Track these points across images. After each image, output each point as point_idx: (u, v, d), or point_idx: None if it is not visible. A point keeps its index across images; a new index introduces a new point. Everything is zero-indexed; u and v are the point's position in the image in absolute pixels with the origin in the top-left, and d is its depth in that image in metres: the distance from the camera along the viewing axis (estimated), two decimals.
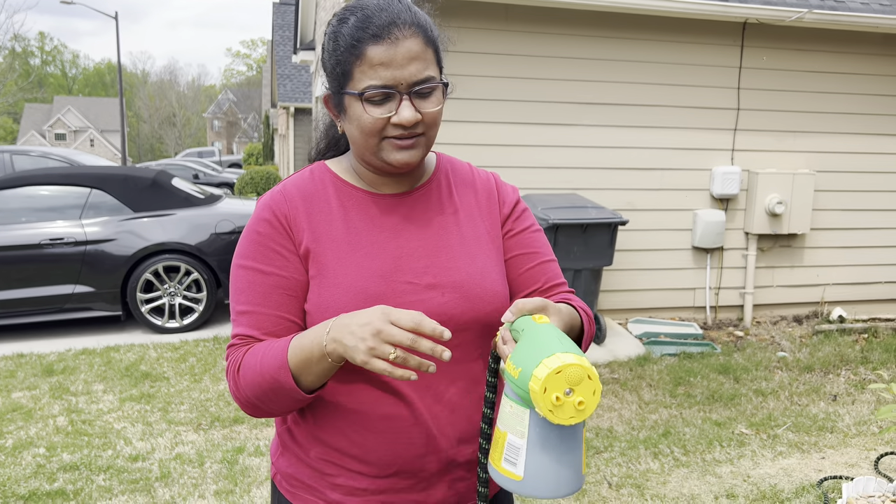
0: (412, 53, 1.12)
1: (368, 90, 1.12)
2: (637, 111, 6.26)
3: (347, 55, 1.14)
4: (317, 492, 1.24)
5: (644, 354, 5.72)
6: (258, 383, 1.11)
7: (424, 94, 1.15)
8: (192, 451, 4.11)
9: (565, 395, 0.89)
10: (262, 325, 1.17)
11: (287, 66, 22.09)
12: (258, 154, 35.80)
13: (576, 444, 0.95)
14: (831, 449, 4.00)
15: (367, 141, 1.16)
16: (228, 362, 1.18)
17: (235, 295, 1.21)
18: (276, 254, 1.19)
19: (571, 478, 0.94)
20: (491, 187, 1.34)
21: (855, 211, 6.87)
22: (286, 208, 1.21)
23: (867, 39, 6.56)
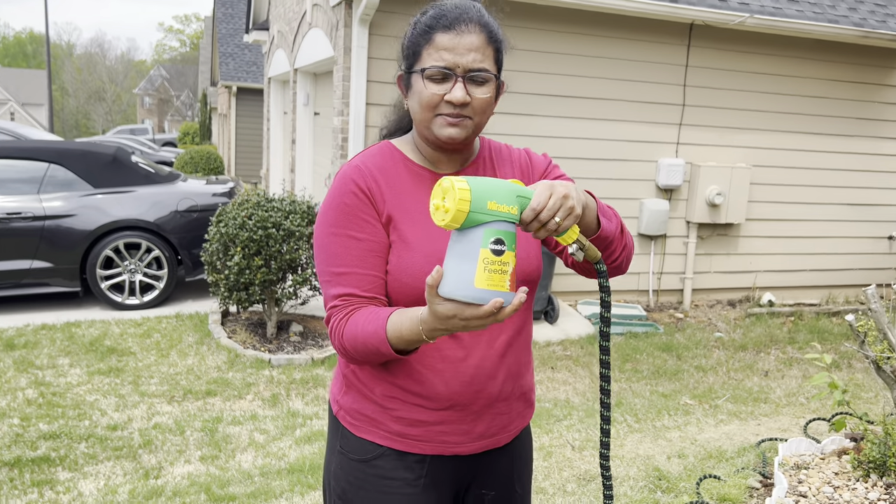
0: (473, 45, 1.35)
1: (431, 68, 1.34)
2: (591, 104, 6.59)
3: (420, 39, 1.37)
4: (380, 424, 1.44)
5: (593, 333, 6.09)
6: (362, 349, 1.32)
7: (478, 82, 1.37)
8: (170, 420, 4.23)
9: (441, 203, 1.13)
10: (362, 284, 1.37)
11: (230, 44, 21.68)
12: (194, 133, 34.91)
13: (468, 253, 1.13)
14: (765, 417, 4.43)
15: (424, 114, 1.38)
16: (334, 320, 1.37)
17: (330, 259, 1.39)
18: (366, 222, 1.38)
19: (464, 283, 1.12)
20: (524, 160, 1.57)
21: (786, 204, 7.41)
22: (368, 181, 1.40)
23: (802, 44, 7.07)
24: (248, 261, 5.25)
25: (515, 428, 1.52)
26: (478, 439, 1.46)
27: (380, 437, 1.44)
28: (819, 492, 3.05)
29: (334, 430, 1.53)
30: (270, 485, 3.32)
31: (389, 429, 1.44)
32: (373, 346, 1.30)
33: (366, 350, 1.32)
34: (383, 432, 1.44)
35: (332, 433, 1.53)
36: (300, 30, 8.34)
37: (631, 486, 3.23)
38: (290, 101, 9.31)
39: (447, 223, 1.12)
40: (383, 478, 1.43)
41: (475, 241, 1.13)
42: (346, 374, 1.50)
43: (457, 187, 1.11)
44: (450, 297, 1.13)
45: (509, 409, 1.49)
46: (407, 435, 1.43)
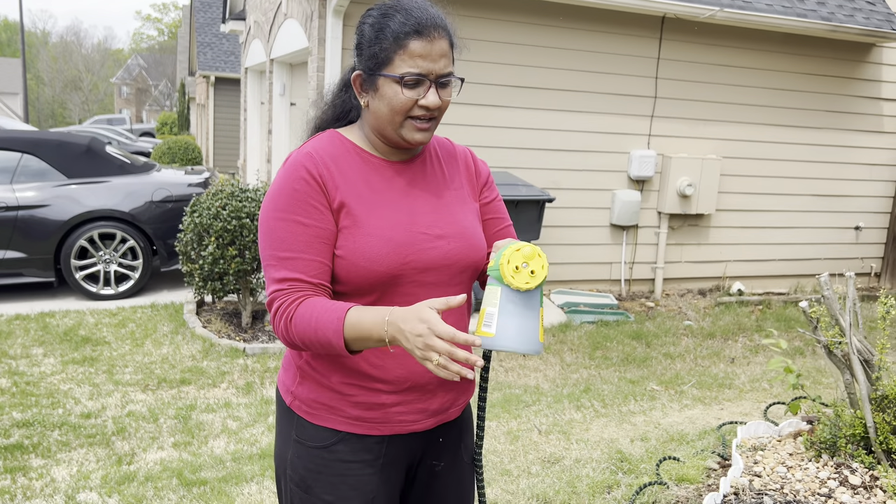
0: (443, 51, 1.41)
1: (407, 75, 1.39)
2: (564, 96, 6.67)
3: (392, 44, 1.39)
4: (338, 410, 1.49)
5: (566, 322, 6.19)
6: (310, 337, 1.36)
7: (445, 85, 1.44)
8: (143, 408, 4.27)
9: (522, 267, 1.27)
10: (308, 269, 1.41)
11: (208, 33, 21.53)
12: (172, 123, 34.61)
13: (533, 312, 1.31)
14: (729, 402, 4.55)
15: (394, 118, 1.43)
16: (278, 305, 1.40)
17: (276, 243, 1.42)
18: (315, 209, 1.43)
19: (531, 339, 1.30)
20: (469, 161, 1.65)
21: (755, 195, 7.55)
22: (320, 168, 1.45)
23: (770, 38, 7.20)
24: (223, 251, 5.28)
25: (462, 402, 1.61)
26: (432, 416, 1.54)
27: (339, 423, 1.49)
28: (773, 471, 3.17)
29: (287, 420, 1.55)
30: (242, 469, 3.38)
31: (348, 414, 1.49)
32: (324, 336, 1.34)
33: (314, 338, 1.35)
34: (342, 418, 1.49)
35: (286, 423, 1.56)
36: (276, 20, 8.34)
37: (593, 467, 3.33)
38: (267, 91, 9.31)
39: (532, 286, 1.27)
40: (343, 461, 1.49)
41: (536, 301, 1.30)
42: (300, 366, 1.54)
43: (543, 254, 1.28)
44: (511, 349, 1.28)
45: (456, 386, 1.56)
46: (366, 419, 1.49)
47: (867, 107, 7.80)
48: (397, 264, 1.43)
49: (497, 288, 1.32)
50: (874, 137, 7.92)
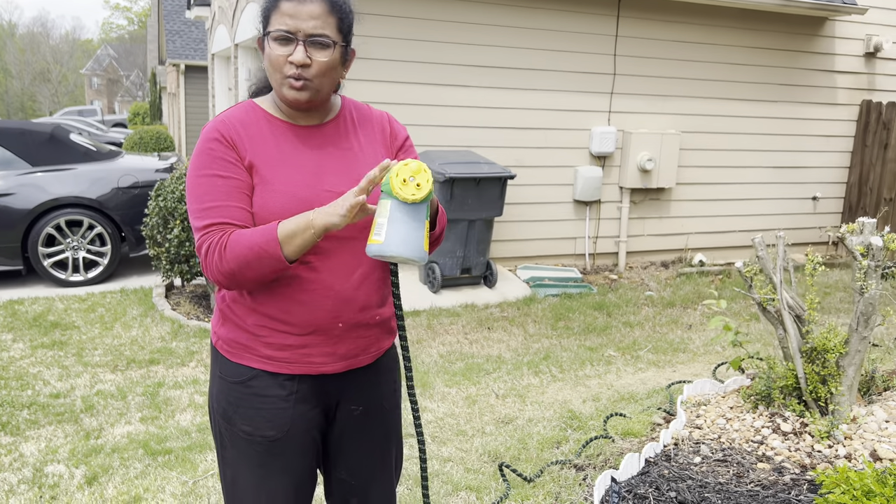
0: (314, 14, 1.54)
1: (275, 31, 1.54)
2: (525, 74, 6.79)
3: (270, 5, 1.57)
4: (252, 350, 1.63)
5: (530, 296, 6.35)
6: (245, 255, 1.48)
7: (318, 46, 1.55)
8: (112, 387, 4.36)
9: (409, 181, 1.41)
10: (232, 215, 1.54)
11: (177, 21, 21.32)
12: (144, 113, 34.28)
13: (419, 224, 1.45)
14: (682, 365, 4.73)
15: (274, 75, 1.57)
16: (209, 242, 1.52)
17: (201, 196, 1.55)
18: (230, 163, 1.56)
19: (417, 246, 1.45)
20: (385, 124, 1.77)
21: (714, 168, 7.74)
22: (230, 131, 1.59)
23: (726, 13, 7.35)
24: (188, 233, 5.35)
25: (376, 350, 1.73)
26: (341, 360, 1.66)
27: (253, 361, 1.63)
28: (713, 424, 3.34)
29: (214, 359, 1.71)
30: (206, 439, 3.49)
31: (261, 353, 1.63)
32: (259, 248, 1.47)
33: (249, 255, 1.48)
34: (256, 357, 1.64)
35: (213, 362, 1.72)
36: (239, 4, 8.35)
37: (545, 425, 3.49)
38: (234, 76, 9.33)
39: (418, 198, 1.41)
40: (258, 395, 1.63)
41: (422, 214, 1.44)
42: (222, 309, 1.68)
43: (428, 170, 1.41)
44: (397, 255, 1.42)
45: (368, 334, 1.69)
46: (276, 358, 1.63)
47: (821, 79, 8.00)
48: None
49: (387, 201, 1.45)
50: (829, 109, 8.13)
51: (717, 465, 2.88)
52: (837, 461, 2.86)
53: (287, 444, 1.64)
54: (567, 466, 3.02)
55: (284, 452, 1.65)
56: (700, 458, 2.96)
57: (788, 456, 2.92)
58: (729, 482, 2.71)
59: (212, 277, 1.56)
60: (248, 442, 1.64)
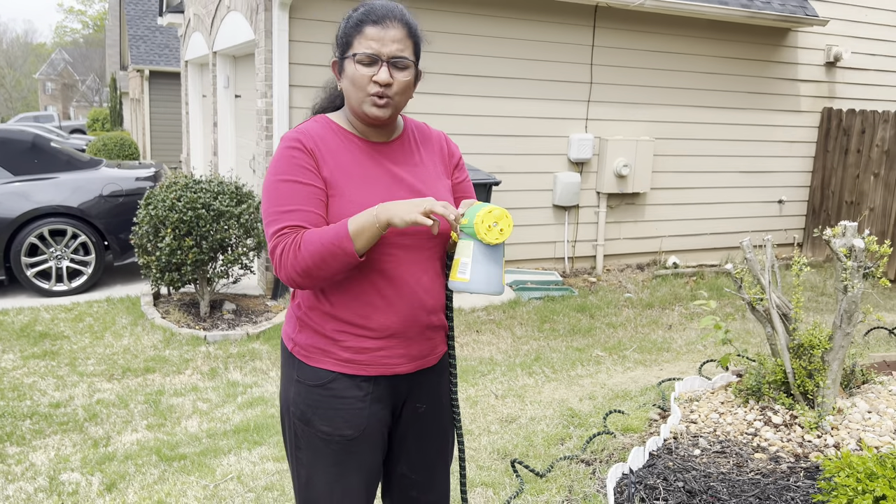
0: (396, 38, 1.67)
1: (360, 54, 1.66)
2: (506, 83, 6.95)
3: (352, 30, 1.69)
4: (331, 354, 1.73)
5: (515, 299, 6.51)
6: (319, 252, 1.58)
7: (399, 67, 1.69)
8: (112, 396, 4.38)
9: (493, 226, 1.56)
10: (308, 220, 1.64)
11: (140, 26, 21.05)
12: (104, 119, 33.62)
13: (499, 262, 1.61)
14: (668, 363, 4.93)
15: (356, 94, 1.69)
16: (283, 245, 1.61)
17: (279, 200, 1.65)
18: (309, 171, 1.67)
19: (498, 283, 1.61)
20: (443, 143, 1.91)
21: (686, 173, 8.01)
22: (310, 142, 1.70)
23: (696, 24, 7.63)
24: (179, 241, 5.38)
25: (439, 352, 1.86)
26: (413, 360, 1.78)
27: (332, 364, 1.74)
28: (707, 418, 3.52)
29: (289, 364, 1.80)
30: (218, 444, 3.55)
31: (340, 357, 1.73)
32: (330, 244, 1.58)
33: (323, 251, 1.58)
34: (335, 360, 1.74)
35: (288, 367, 1.81)
36: (218, 13, 8.37)
37: (547, 423, 3.63)
38: (210, 84, 9.31)
39: (500, 240, 1.58)
40: (337, 397, 1.73)
41: (500, 254, 1.62)
42: (299, 317, 1.78)
43: (509, 216, 1.59)
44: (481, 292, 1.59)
45: (434, 336, 1.81)
46: (355, 361, 1.73)
47: (785, 88, 8.34)
48: None
49: (470, 242, 1.59)
50: (792, 116, 8.48)
51: (716, 457, 3.05)
52: (827, 450, 3.05)
53: (362, 442, 1.75)
54: (575, 461, 3.16)
55: (359, 450, 1.75)
56: (700, 450, 3.13)
57: (782, 446, 3.10)
58: (731, 472, 2.88)
59: (286, 276, 1.64)
60: (326, 442, 1.74)
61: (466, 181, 1.93)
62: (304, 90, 6.15)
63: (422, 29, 1.77)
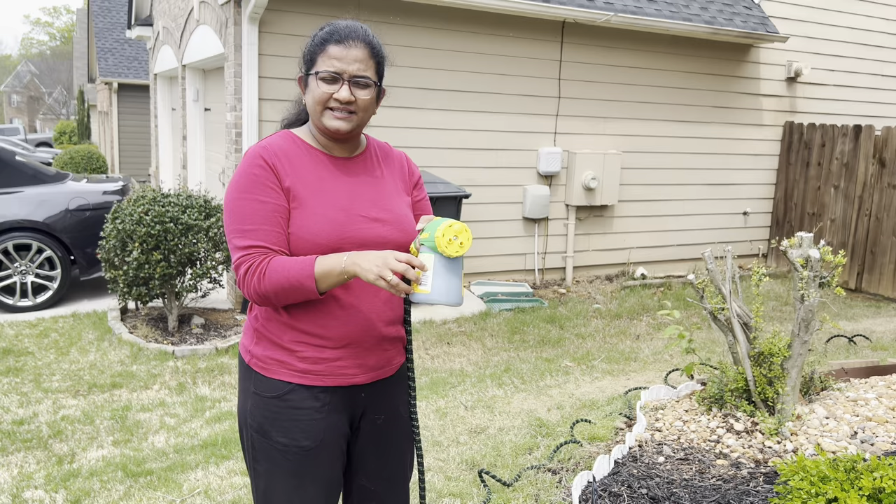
0: (358, 57, 1.72)
1: (323, 72, 1.71)
2: (476, 97, 7.03)
3: (317, 49, 1.74)
4: (288, 365, 1.75)
5: (485, 311, 6.55)
6: (282, 284, 1.63)
7: (360, 85, 1.74)
8: (77, 412, 4.32)
9: (453, 240, 1.61)
10: (269, 238, 1.67)
11: (108, 38, 20.86)
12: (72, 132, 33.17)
13: (458, 273, 1.66)
14: (635, 373, 5.00)
15: (316, 108, 1.74)
16: (248, 266, 1.65)
17: (240, 219, 1.68)
18: (270, 189, 1.70)
19: (457, 294, 1.66)
20: (403, 163, 1.96)
21: (653, 185, 8.15)
22: (272, 158, 1.73)
23: (661, 40, 7.79)
24: (147, 256, 5.34)
25: (397, 363, 1.89)
26: (369, 371, 1.81)
27: (289, 375, 1.75)
28: (671, 426, 3.59)
29: (247, 376, 1.82)
30: (185, 459, 3.53)
31: (297, 368, 1.75)
32: (296, 279, 1.61)
33: (287, 284, 1.62)
34: (292, 371, 1.76)
35: (245, 379, 1.82)
36: (187, 26, 8.35)
37: (516, 433, 3.67)
38: (180, 97, 9.27)
39: (460, 253, 1.62)
40: (294, 408, 1.75)
41: (460, 265, 1.66)
42: (256, 328, 1.81)
43: (468, 230, 1.64)
44: (442, 302, 1.63)
45: (391, 347, 1.85)
46: (312, 371, 1.75)
47: (748, 102, 8.54)
48: (336, 239, 1.71)
49: (431, 255, 1.63)
50: (756, 130, 8.68)
51: (680, 464, 3.11)
52: (787, 455, 3.13)
53: (320, 453, 1.76)
54: (542, 470, 3.20)
55: (317, 461, 1.76)
56: (664, 457, 3.19)
57: (743, 452, 3.18)
58: (693, 478, 2.94)
59: (247, 295, 1.69)
60: (283, 453, 1.75)
61: (425, 200, 1.98)
62: (274, 103, 6.16)
63: (385, 49, 1.81)
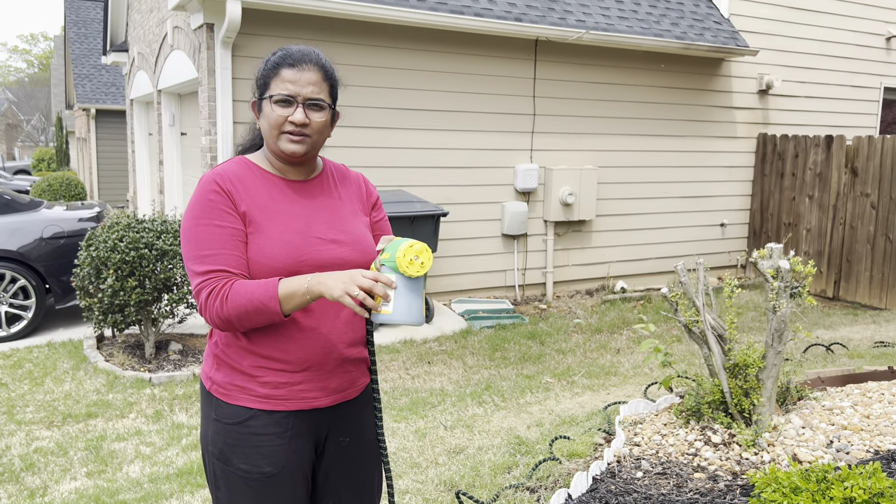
0: (311, 80, 1.73)
1: (277, 95, 1.72)
2: (452, 116, 7.07)
3: (270, 72, 1.74)
4: (248, 390, 1.74)
5: (466, 328, 6.54)
6: (245, 307, 1.61)
7: (315, 108, 1.74)
8: (51, 444, 4.25)
9: (414, 260, 1.61)
10: (229, 262, 1.66)
11: (85, 65, 20.80)
12: (50, 159, 32.97)
13: (419, 293, 1.66)
14: (615, 387, 5.00)
15: (272, 132, 1.74)
16: (210, 290, 1.63)
17: (199, 244, 1.67)
18: (227, 213, 1.69)
19: (418, 313, 1.66)
20: (361, 184, 1.96)
21: (630, 199, 8.20)
22: (227, 183, 1.73)
23: (633, 56, 7.88)
24: (122, 282, 5.29)
25: (360, 384, 1.87)
26: (332, 394, 1.79)
27: (250, 401, 1.74)
28: (650, 440, 3.58)
29: (208, 403, 1.80)
30: (160, 489, 3.48)
31: (258, 393, 1.74)
32: (259, 302, 1.60)
33: (250, 307, 1.61)
34: (253, 397, 1.74)
35: (206, 406, 1.81)
36: (161, 52, 8.34)
37: (495, 452, 3.65)
38: (156, 122, 9.24)
39: (421, 273, 1.63)
40: (255, 434, 1.73)
41: (421, 285, 1.66)
42: (216, 354, 1.79)
43: (429, 249, 1.64)
44: (403, 322, 1.63)
45: (353, 369, 1.83)
46: (273, 396, 1.74)
47: (722, 115, 8.64)
48: (293, 262, 1.70)
49: (392, 275, 1.63)
50: (730, 142, 8.78)
51: (657, 479, 3.10)
52: (764, 466, 3.13)
53: (283, 479, 1.74)
54: (521, 489, 3.18)
55: (280, 488, 1.74)
56: (642, 472, 3.18)
57: (721, 465, 3.17)
58: (670, 493, 2.94)
59: (209, 321, 1.67)
60: (245, 480, 1.73)
61: (384, 220, 1.98)
62: (249, 127, 6.15)
63: (338, 72, 1.82)
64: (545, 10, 7.16)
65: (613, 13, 7.62)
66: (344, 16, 6.23)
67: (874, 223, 7.73)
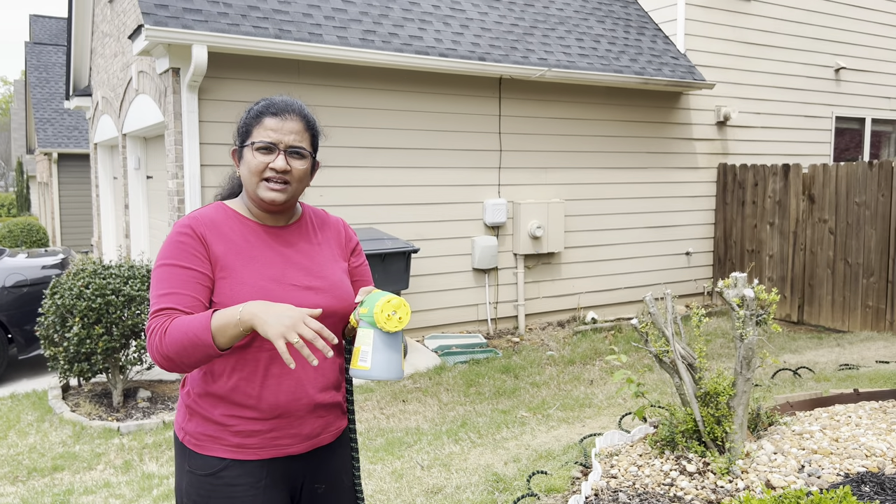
0: (294, 129, 1.76)
1: (259, 142, 1.74)
2: (420, 154, 7.14)
3: (253, 121, 1.77)
4: (221, 440, 1.72)
5: (440, 364, 6.53)
6: (181, 341, 1.56)
7: (296, 156, 1.76)
8: (15, 500, 4.12)
9: (392, 315, 1.61)
10: (181, 302, 1.64)
11: (47, 109, 20.59)
12: (11, 204, 32.38)
13: (398, 348, 1.66)
14: (590, 419, 5.02)
15: (252, 179, 1.75)
16: (153, 325, 1.61)
17: (159, 284, 1.67)
18: (194, 256, 1.69)
19: (397, 368, 1.65)
20: (340, 229, 1.97)
21: (597, 231, 8.33)
22: (201, 228, 1.73)
23: (595, 91, 8.07)
24: (89, 330, 5.20)
25: (335, 429, 1.86)
26: (305, 440, 1.79)
27: (223, 451, 1.73)
28: (626, 471, 3.60)
29: (181, 454, 1.78)
30: None
31: (230, 442, 1.73)
32: (193, 334, 1.54)
33: (185, 340, 1.55)
34: (225, 447, 1.73)
35: (180, 457, 1.79)
36: (126, 96, 8.32)
37: (472, 491, 3.63)
38: (121, 165, 9.17)
39: (399, 328, 1.62)
40: (229, 485, 1.71)
41: (399, 340, 1.66)
42: (188, 405, 1.78)
43: (407, 304, 1.64)
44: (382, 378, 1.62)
45: (327, 414, 1.82)
46: (246, 445, 1.73)
47: (683, 146, 8.86)
48: None
49: (370, 330, 1.64)
50: (692, 173, 8.99)
51: None
52: (738, 494, 3.17)
53: None
54: None
55: None
56: None
57: (696, 494, 3.20)
58: None
59: (153, 359, 1.64)
60: None
61: (364, 266, 1.99)
62: (216, 169, 6.15)
63: (320, 124, 1.86)
64: (508, 49, 7.32)
65: (574, 51, 7.81)
66: (310, 58, 6.30)
67: (833, 248, 7.94)
